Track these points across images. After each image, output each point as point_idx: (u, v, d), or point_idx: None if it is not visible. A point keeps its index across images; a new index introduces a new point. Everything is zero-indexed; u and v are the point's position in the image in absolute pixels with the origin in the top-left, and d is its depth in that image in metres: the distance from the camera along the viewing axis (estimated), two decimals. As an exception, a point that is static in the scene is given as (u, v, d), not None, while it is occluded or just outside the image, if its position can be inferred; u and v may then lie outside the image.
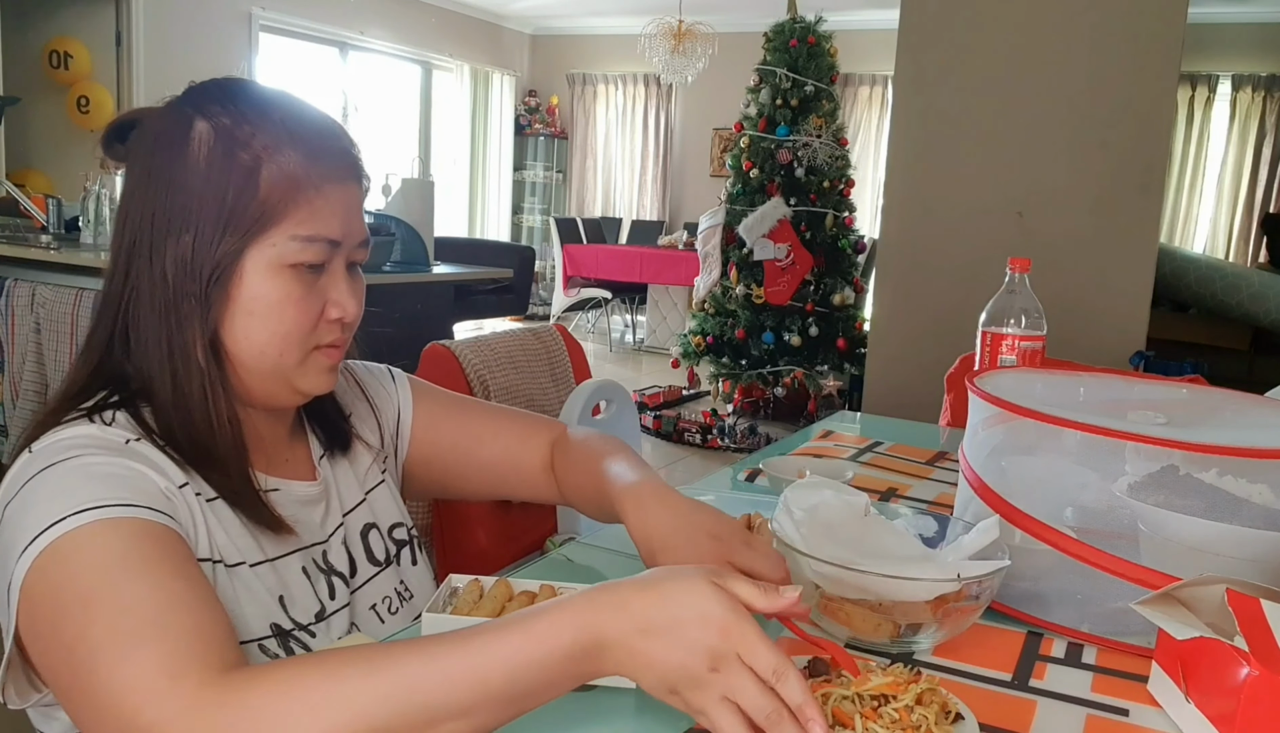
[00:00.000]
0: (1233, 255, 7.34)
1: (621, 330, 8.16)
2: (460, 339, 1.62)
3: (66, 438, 0.75)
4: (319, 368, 0.86)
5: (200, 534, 0.79)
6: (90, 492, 0.70)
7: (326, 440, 0.97)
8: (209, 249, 0.79)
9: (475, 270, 4.25)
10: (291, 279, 0.81)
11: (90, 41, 6.27)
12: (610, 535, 1.11)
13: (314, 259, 0.82)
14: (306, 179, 0.81)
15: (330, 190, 0.82)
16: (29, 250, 2.87)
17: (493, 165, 9.56)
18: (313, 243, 0.81)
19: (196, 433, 0.81)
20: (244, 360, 0.83)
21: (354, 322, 0.88)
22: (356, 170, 0.87)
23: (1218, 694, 0.69)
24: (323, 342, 0.85)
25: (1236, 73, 7.21)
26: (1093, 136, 2.73)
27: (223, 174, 0.79)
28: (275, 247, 0.80)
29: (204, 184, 0.79)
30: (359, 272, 0.90)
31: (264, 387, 0.85)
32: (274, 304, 0.81)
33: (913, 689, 0.68)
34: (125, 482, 0.73)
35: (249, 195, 0.79)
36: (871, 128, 8.39)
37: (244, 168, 0.79)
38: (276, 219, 0.80)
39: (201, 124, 0.80)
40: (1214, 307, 3.95)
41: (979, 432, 0.98)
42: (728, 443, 4.83)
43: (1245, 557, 0.81)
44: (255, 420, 0.88)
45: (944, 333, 2.56)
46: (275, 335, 0.82)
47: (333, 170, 0.83)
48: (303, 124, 0.83)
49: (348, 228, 0.84)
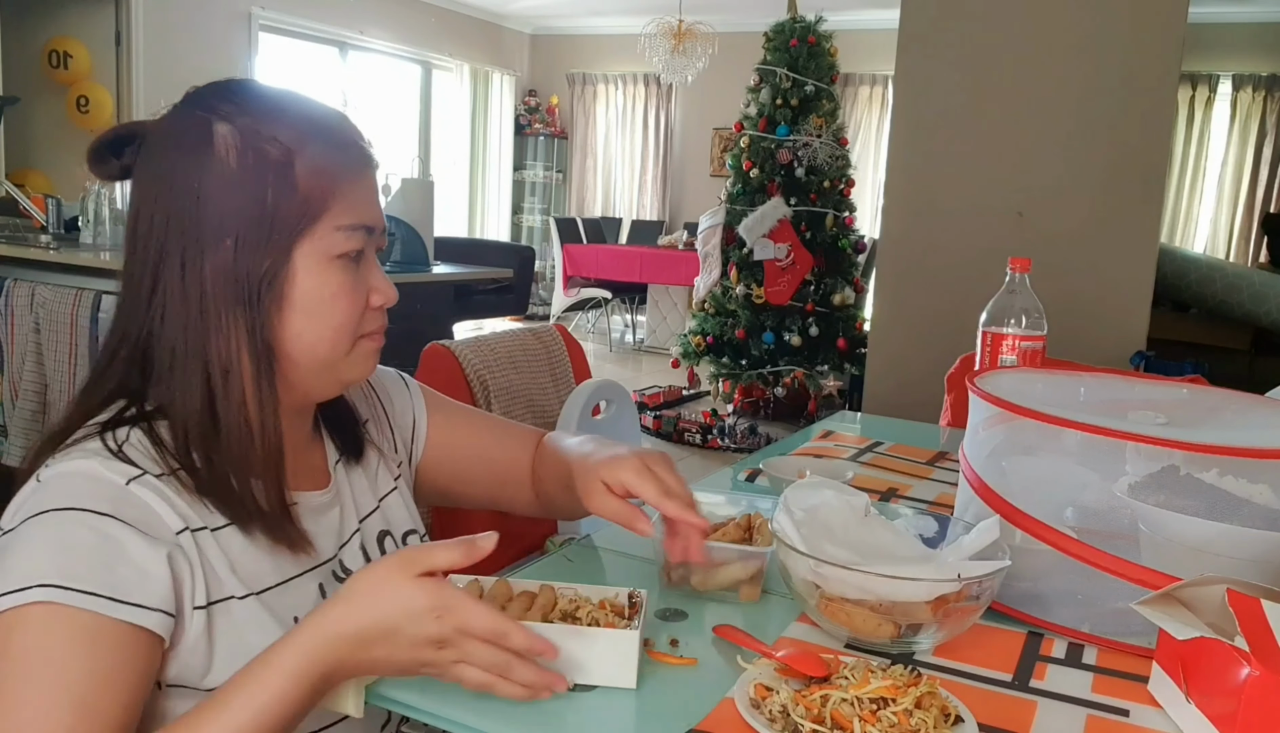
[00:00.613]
0: (1233, 255, 7.34)
1: (621, 330, 8.15)
2: (460, 339, 1.62)
3: (70, 474, 0.74)
4: (365, 355, 0.87)
5: (199, 579, 0.76)
6: (62, 566, 0.70)
7: (341, 446, 0.97)
8: (255, 254, 0.78)
9: (475, 270, 4.25)
10: (340, 270, 0.82)
11: (90, 41, 6.27)
12: (610, 536, 1.11)
13: (357, 247, 0.83)
14: (340, 169, 0.81)
15: (360, 177, 0.84)
16: (28, 250, 2.87)
17: (493, 165, 9.56)
18: (355, 231, 0.82)
19: (231, 449, 0.79)
20: (296, 359, 0.83)
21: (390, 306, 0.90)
22: (372, 158, 0.88)
23: (1218, 695, 0.69)
24: (368, 330, 0.87)
25: (1236, 73, 7.21)
26: (1093, 136, 2.73)
27: (257, 175, 0.78)
28: (322, 240, 0.80)
29: (238, 187, 0.77)
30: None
31: (312, 382, 0.86)
32: (327, 298, 0.82)
33: (912, 692, 0.68)
34: (102, 560, 0.71)
35: (289, 193, 0.78)
36: (871, 128, 8.39)
37: (277, 166, 0.78)
38: (320, 213, 0.80)
39: (221, 126, 0.78)
40: (1214, 307, 3.95)
41: (979, 432, 0.98)
42: (728, 443, 4.83)
43: (1246, 557, 0.81)
44: (287, 422, 0.87)
45: (944, 333, 2.56)
46: (329, 329, 0.82)
47: (359, 157, 0.85)
48: (319, 117, 0.83)
49: (377, 215, 0.86)
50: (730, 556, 0.94)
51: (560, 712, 0.72)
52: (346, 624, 0.69)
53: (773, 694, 0.71)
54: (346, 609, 0.70)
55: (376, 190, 0.88)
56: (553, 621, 0.79)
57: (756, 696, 0.72)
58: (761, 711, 0.70)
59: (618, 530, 1.14)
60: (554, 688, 0.72)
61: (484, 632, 0.69)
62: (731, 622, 0.86)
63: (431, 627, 0.68)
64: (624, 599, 0.83)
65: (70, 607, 0.68)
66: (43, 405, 2.66)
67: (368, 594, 0.70)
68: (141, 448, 0.78)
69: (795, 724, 0.67)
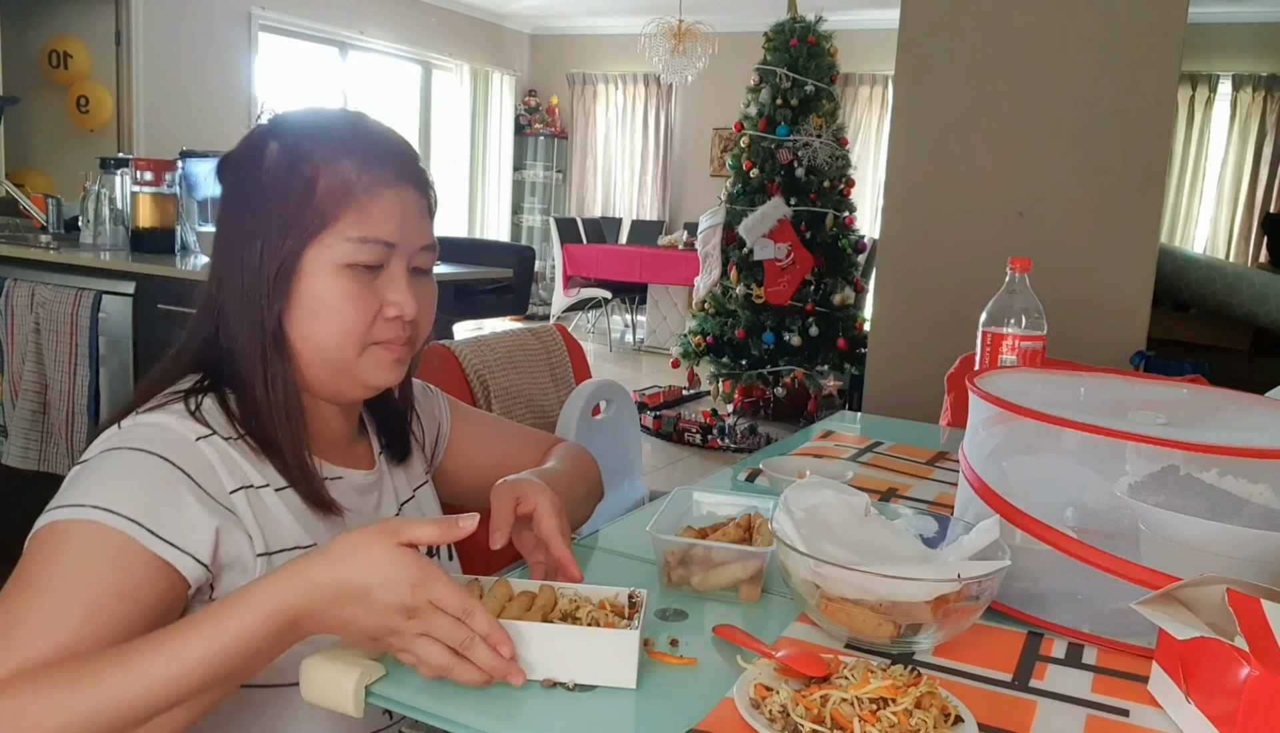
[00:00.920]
0: (1233, 255, 7.34)
1: (621, 330, 8.15)
2: (460, 339, 1.62)
3: (149, 423, 0.84)
4: (380, 362, 0.92)
5: (257, 531, 0.86)
6: (115, 493, 0.79)
7: (386, 444, 1.05)
8: (274, 251, 0.87)
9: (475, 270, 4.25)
10: (349, 279, 0.88)
11: (90, 41, 6.27)
12: (610, 536, 1.11)
13: (369, 260, 0.88)
14: (359, 184, 0.88)
15: (383, 194, 0.89)
16: (28, 250, 2.87)
17: (493, 165, 9.56)
18: (366, 244, 0.88)
19: (263, 419, 0.89)
20: (306, 356, 0.91)
21: (417, 320, 0.93)
22: (415, 178, 0.93)
23: (1218, 695, 0.69)
24: (381, 338, 0.91)
25: (1236, 73, 7.21)
26: (1093, 137, 2.73)
27: (286, 184, 0.88)
28: (331, 248, 0.87)
29: (271, 194, 0.88)
30: (429, 277, 0.96)
31: (330, 380, 0.92)
32: (332, 303, 0.88)
33: (912, 693, 0.68)
34: (154, 498, 0.80)
35: (307, 201, 0.87)
36: (871, 128, 8.39)
37: (304, 177, 0.87)
38: (331, 221, 0.87)
39: (273, 145, 0.89)
40: (1214, 307, 3.95)
41: (979, 432, 0.98)
42: (728, 443, 4.83)
43: (1245, 557, 0.81)
44: (325, 413, 0.97)
45: (944, 333, 2.56)
46: (332, 332, 0.89)
47: (386, 176, 0.89)
48: (360, 136, 0.91)
49: (403, 231, 0.90)
50: (730, 556, 0.94)
51: (560, 712, 0.73)
52: (324, 575, 0.73)
53: (773, 694, 0.71)
54: (326, 562, 0.74)
55: (414, 208, 0.92)
56: (553, 620, 0.79)
57: (756, 696, 0.72)
58: (761, 711, 0.70)
59: (617, 531, 1.14)
60: (511, 679, 0.74)
61: (452, 608, 0.72)
62: (731, 622, 0.86)
63: (405, 594, 0.72)
64: (624, 599, 0.83)
65: (110, 528, 0.77)
66: (43, 405, 2.66)
67: (350, 553, 0.74)
68: (216, 413, 0.88)
69: (795, 724, 0.67)
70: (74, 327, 2.59)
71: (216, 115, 6.74)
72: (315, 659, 0.76)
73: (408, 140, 0.96)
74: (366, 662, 0.75)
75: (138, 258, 2.81)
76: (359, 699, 0.74)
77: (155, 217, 2.99)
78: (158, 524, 0.79)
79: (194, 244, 2.98)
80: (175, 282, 2.58)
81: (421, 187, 0.94)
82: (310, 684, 0.75)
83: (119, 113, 6.38)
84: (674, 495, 1.06)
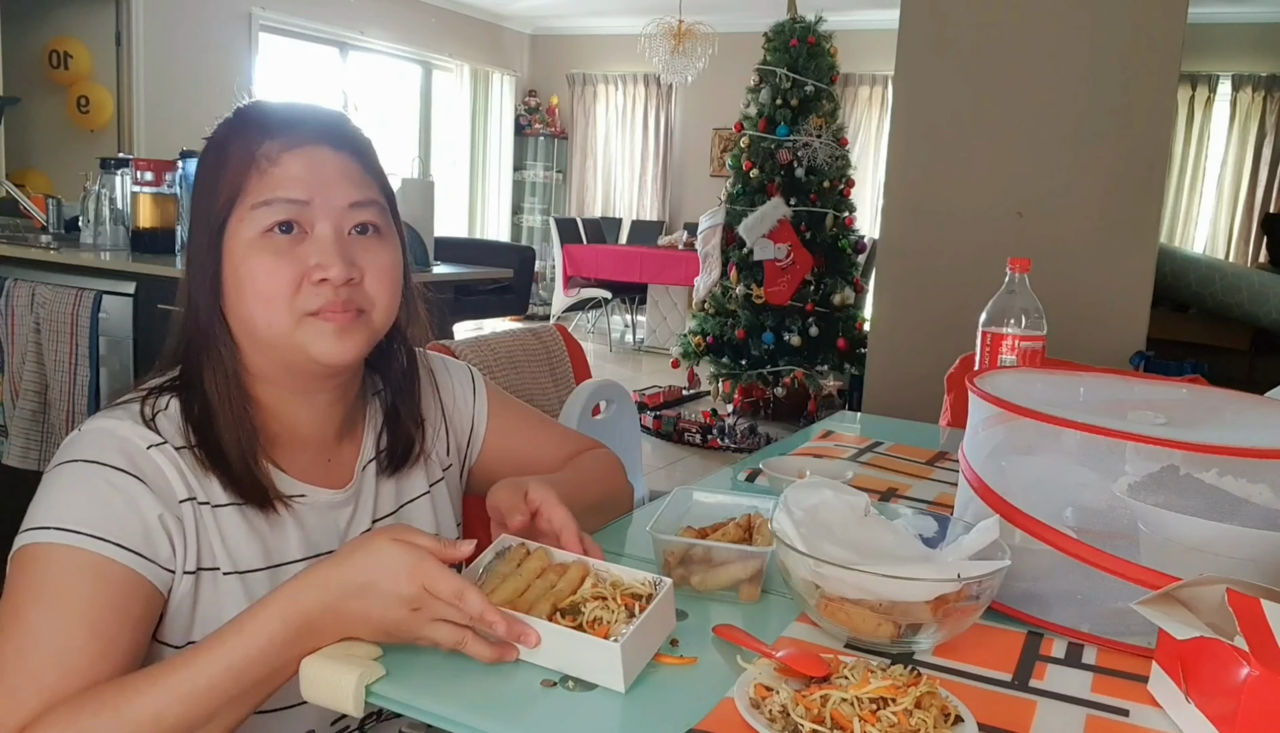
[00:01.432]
0: (1233, 255, 7.34)
1: (621, 330, 8.15)
2: (460, 339, 1.62)
3: (102, 431, 0.85)
4: (319, 332, 0.88)
5: (191, 546, 0.85)
6: (81, 513, 0.80)
7: (382, 454, 1.01)
8: (202, 236, 0.88)
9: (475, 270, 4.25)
10: (264, 248, 0.86)
11: (90, 41, 6.27)
12: (609, 536, 1.11)
13: (279, 218, 0.86)
14: (261, 153, 0.86)
15: (286, 157, 0.87)
16: (29, 250, 2.87)
17: (493, 165, 9.56)
18: (271, 205, 0.86)
19: (212, 417, 0.88)
20: (244, 341, 0.89)
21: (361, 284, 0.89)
22: (330, 137, 0.89)
23: (1218, 695, 0.69)
24: (311, 307, 0.87)
25: (1236, 73, 7.21)
26: (1093, 137, 2.73)
27: (209, 172, 0.89)
28: (243, 222, 0.86)
29: (199, 185, 0.90)
30: (379, 238, 0.91)
31: (274, 362, 0.90)
32: (252, 274, 0.86)
33: (912, 693, 0.68)
34: (116, 512, 0.81)
35: (219, 181, 0.87)
36: (871, 128, 8.39)
37: (219, 162, 0.88)
38: (238, 196, 0.87)
39: (213, 135, 0.91)
40: (1214, 307, 3.95)
41: (979, 432, 0.98)
42: (728, 443, 4.83)
43: (1245, 557, 0.81)
44: (289, 410, 0.93)
45: (944, 333, 2.56)
46: (256, 306, 0.86)
47: (290, 139, 0.87)
48: (275, 112, 0.90)
49: (318, 189, 0.87)
50: (730, 556, 0.94)
51: (560, 712, 0.73)
52: (331, 575, 0.76)
53: (773, 694, 0.71)
54: (333, 561, 0.78)
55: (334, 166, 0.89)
56: (562, 609, 0.80)
57: (756, 696, 0.72)
58: (761, 711, 0.70)
59: (618, 531, 1.14)
60: (505, 656, 0.77)
61: (447, 591, 0.74)
62: (731, 622, 0.86)
63: (405, 586, 0.75)
64: (649, 588, 0.83)
65: (83, 550, 0.79)
66: (43, 405, 2.66)
67: (353, 553, 0.77)
68: (173, 419, 0.88)
69: (795, 724, 0.67)
70: (74, 327, 2.59)
71: (216, 116, 6.70)
72: (315, 659, 0.76)
73: (334, 110, 0.94)
74: (366, 662, 0.75)
75: (138, 258, 2.81)
76: (359, 699, 0.74)
77: (155, 217, 2.99)
78: (125, 538, 0.81)
79: (194, 244, 2.98)
80: (175, 282, 2.57)
81: (341, 144, 0.90)
82: (310, 684, 0.75)
83: (119, 113, 6.38)
84: (674, 495, 1.06)
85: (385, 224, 0.92)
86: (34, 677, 0.75)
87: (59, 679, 0.75)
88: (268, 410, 0.92)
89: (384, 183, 0.95)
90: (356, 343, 0.90)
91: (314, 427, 0.95)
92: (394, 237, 0.94)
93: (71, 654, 0.76)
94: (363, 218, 0.90)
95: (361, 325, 0.90)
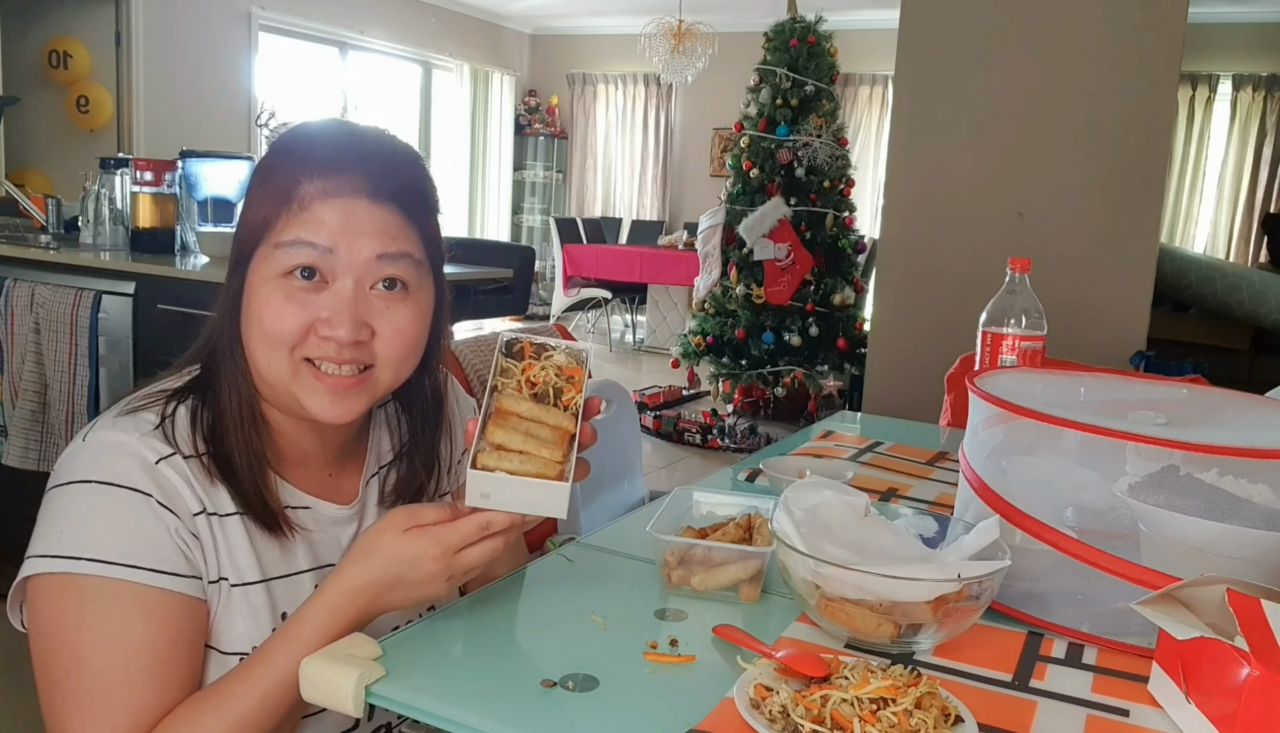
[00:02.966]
0: (1233, 255, 7.34)
1: (621, 330, 8.15)
2: (460, 339, 1.61)
3: (110, 445, 0.83)
4: (312, 389, 0.86)
5: (211, 557, 0.86)
6: (111, 541, 0.80)
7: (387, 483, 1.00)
8: (237, 260, 0.88)
9: (475, 270, 4.25)
10: (281, 288, 0.85)
11: (90, 41, 6.27)
12: (609, 536, 1.11)
13: (297, 263, 0.84)
14: (297, 191, 0.84)
15: (319, 205, 0.84)
16: (28, 250, 2.87)
17: (493, 165, 9.56)
18: (294, 246, 0.84)
19: (224, 427, 0.88)
20: (254, 369, 0.89)
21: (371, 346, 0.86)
22: (375, 188, 0.85)
23: (1218, 695, 0.69)
24: (311, 355, 0.85)
25: (1236, 73, 7.21)
26: (1093, 137, 2.73)
27: (253, 193, 0.88)
28: (266, 258, 0.85)
29: (248, 198, 0.89)
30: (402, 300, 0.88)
31: (279, 399, 0.90)
32: (261, 312, 0.85)
33: (912, 693, 0.68)
34: (145, 535, 0.81)
35: (256, 207, 0.87)
36: (871, 128, 8.39)
37: (262, 186, 0.87)
38: (266, 231, 0.85)
39: (261, 158, 0.91)
40: (1214, 307, 3.95)
41: (979, 432, 0.98)
42: (728, 443, 4.83)
43: (1245, 557, 0.81)
44: (293, 430, 0.93)
45: (944, 333, 2.56)
46: (260, 340, 0.86)
47: (332, 186, 0.84)
48: (319, 144, 0.88)
49: (344, 238, 0.84)
50: (730, 556, 0.94)
51: (560, 712, 0.72)
52: (359, 579, 0.80)
53: (773, 694, 0.71)
54: (355, 567, 0.81)
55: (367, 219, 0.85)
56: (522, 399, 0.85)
57: (756, 696, 0.72)
58: (761, 711, 0.70)
59: (617, 531, 1.14)
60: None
61: (468, 538, 0.80)
62: (731, 622, 0.86)
63: (431, 566, 0.79)
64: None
65: (126, 582, 0.79)
66: (43, 405, 2.66)
67: (369, 552, 0.80)
68: (182, 426, 0.87)
69: (795, 724, 0.67)
70: (74, 327, 2.59)
71: (216, 115, 6.75)
72: (314, 659, 0.76)
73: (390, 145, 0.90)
74: (366, 662, 0.75)
75: (137, 258, 2.80)
76: (359, 699, 0.74)
77: (155, 217, 2.99)
78: (161, 561, 0.81)
79: (194, 244, 2.98)
80: (175, 282, 2.58)
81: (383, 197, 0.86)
82: (310, 685, 0.75)
83: (119, 113, 6.38)
84: (674, 496, 1.06)
85: (417, 279, 0.89)
86: (109, 721, 0.78)
87: (133, 721, 0.79)
88: (275, 429, 0.93)
89: (429, 232, 0.91)
90: (354, 406, 0.88)
91: (319, 448, 0.96)
92: (424, 293, 0.90)
93: (142, 695, 0.79)
94: (389, 272, 0.86)
95: (364, 387, 0.88)
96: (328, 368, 0.85)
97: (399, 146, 0.91)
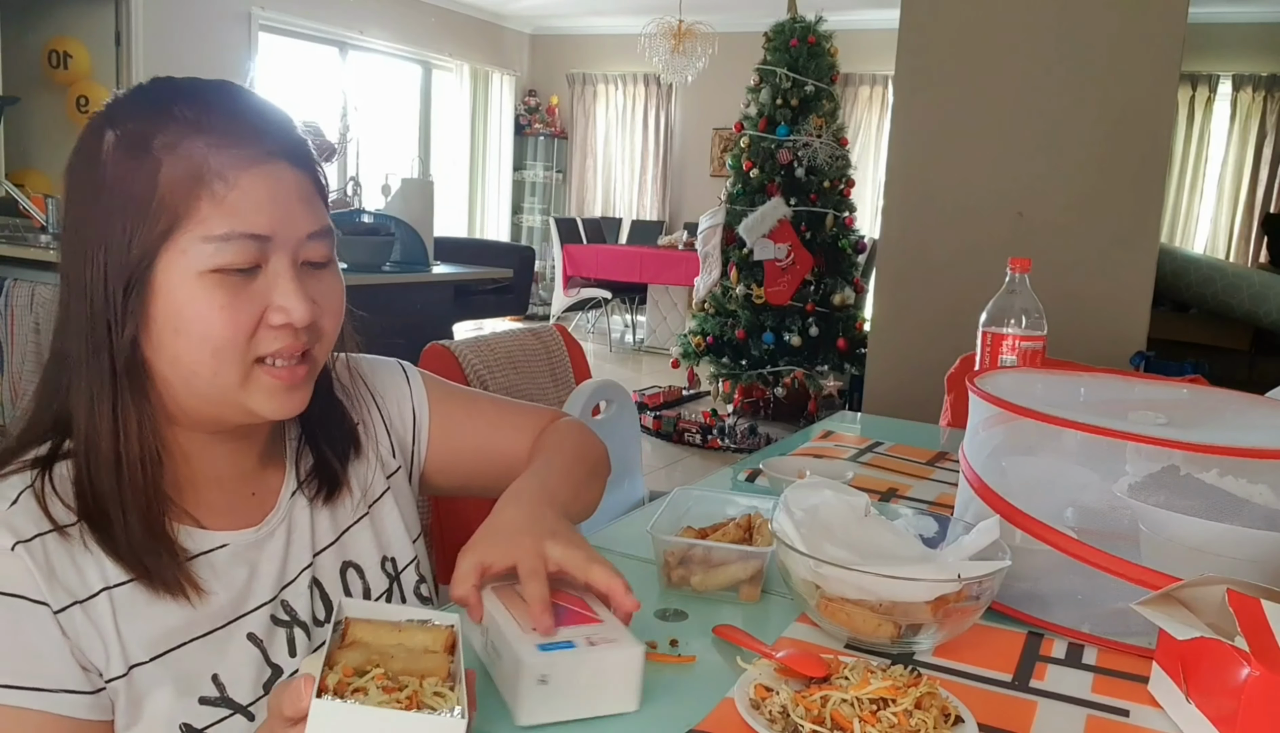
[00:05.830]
0: (1233, 255, 7.34)
1: (621, 330, 8.15)
2: (460, 339, 1.61)
3: None
4: (267, 389, 0.76)
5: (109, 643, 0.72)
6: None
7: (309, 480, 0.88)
8: (120, 264, 0.71)
9: (475, 270, 4.25)
10: (214, 286, 0.72)
11: (90, 41, 6.27)
12: (609, 535, 1.11)
13: (239, 262, 0.72)
14: (211, 169, 0.71)
15: (246, 179, 0.72)
16: (28, 250, 2.87)
17: (492, 165, 9.56)
18: (229, 241, 0.71)
19: (104, 480, 0.73)
20: (176, 384, 0.75)
21: (316, 324, 0.77)
22: (289, 152, 0.76)
23: (1218, 695, 0.69)
24: (264, 352, 0.75)
25: (1236, 73, 7.21)
26: (1093, 136, 2.73)
27: (126, 182, 0.71)
28: (187, 252, 0.71)
29: (110, 196, 0.72)
30: (328, 270, 0.80)
31: (210, 411, 0.77)
32: (196, 317, 0.72)
33: (912, 693, 0.68)
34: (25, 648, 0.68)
35: (149, 198, 0.71)
36: (871, 128, 8.39)
37: (145, 171, 0.71)
38: (181, 221, 0.71)
39: (109, 135, 0.73)
40: (1215, 307, 3.95)
41: (979, 432, 0.98)
42: (728, 443, 4.83)
43: (1246, 557, 0.81)
44: (206, 456, 0.81)
45: (944, 333, 2.56)
46: (204, 353, 0.73)
47: (248, 155, 0.73)
48: (214, 111, 0.73)
49: (280, 219, 0.74)
50: (730, 556, 0.94)
51: (560, 712, 0.72)
52: None
53: (773, 695, 0.71)
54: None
55: (294, 189, 0.76)
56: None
57: (756, 696, 0.72)
58: (761, 711, 0.70)
59: (617, 531, 1.14)
60: None
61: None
62: (731, 622, 0.86)
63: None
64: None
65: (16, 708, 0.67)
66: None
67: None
68: (63, 493, 0.73)
69: (795, 725, 0.67)
70: (74, 327, 2.59)
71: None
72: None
73: (279, 107, 0.78)
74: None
75: (138, 258, 2.80)
76: None
77: (155, 217, 2.98)
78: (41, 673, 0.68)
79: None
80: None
81: (299, 161, 0.77)
82: None
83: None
84: (674, 496, 1.06)
85: (333, 253, 0.80)
86: None
87: None
88: (180, 457, 0.79)
89: (327, 201, 0.82)
90: (305, 395, 0.79)
91: (233, 465, 0.83)
92: (337, 262, 0.82)
93: None
94: (321, 252, 0.78)
95: (310, 373, 0.79)
96: (279, 363, 0.76)
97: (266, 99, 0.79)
